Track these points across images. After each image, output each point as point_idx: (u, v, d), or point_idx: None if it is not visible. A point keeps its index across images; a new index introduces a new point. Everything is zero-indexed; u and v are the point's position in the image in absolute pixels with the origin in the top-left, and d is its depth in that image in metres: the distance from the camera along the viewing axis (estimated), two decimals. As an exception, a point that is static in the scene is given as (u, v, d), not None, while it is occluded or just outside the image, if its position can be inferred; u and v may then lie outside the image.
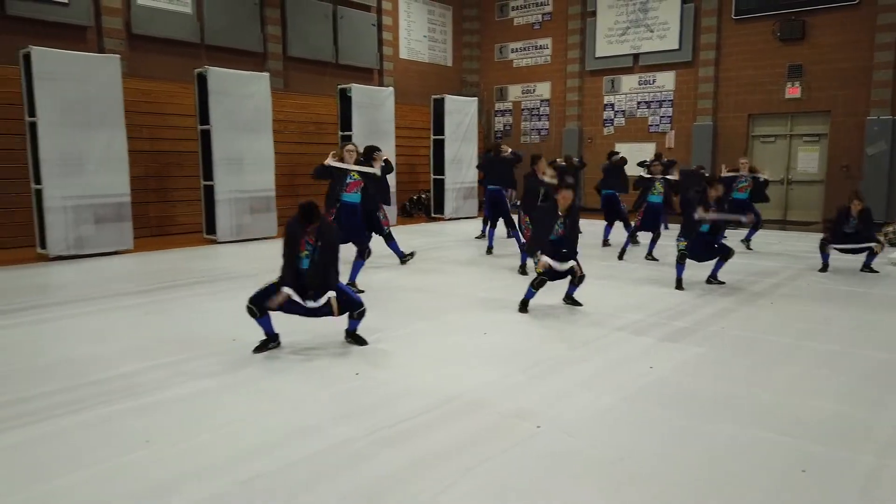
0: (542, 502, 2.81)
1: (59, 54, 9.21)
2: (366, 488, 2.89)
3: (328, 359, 4.77)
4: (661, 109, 16.34)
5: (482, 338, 5.38)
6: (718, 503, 2.81)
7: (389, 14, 16.66)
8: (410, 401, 3.94)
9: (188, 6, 12.53)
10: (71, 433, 3.50)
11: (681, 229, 7.41)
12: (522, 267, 8.22)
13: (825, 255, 8.42)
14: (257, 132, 11.53)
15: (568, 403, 3.94)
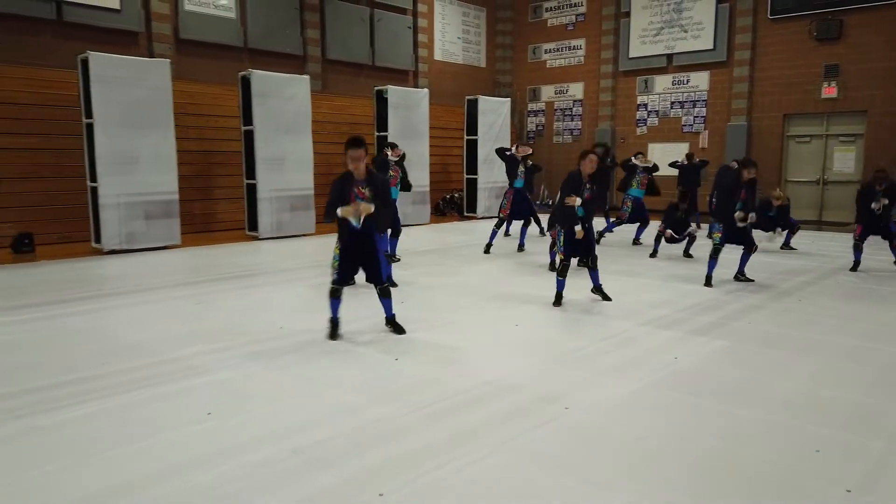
0: (568, 473, 3.06)
1: (114, 59, 9.74)
2: (406, 457, 3.19)
3: (369, 346, 5.09)
4: (695, 109, 16.34)
5: (514, 329, 5.64)
6: (732, 478, 3.03)
7: (425, 16, 16.98)
8: (446, 384, 4.22)
9: (232, 11, 13.03)
10: (146, 405, 3.88)
11: (715, 214, 7.73)
12: (553, 264, 8.44)
13: (857, 254, 8.49)
14: (297, 133, 11.96)
15: (594, 389, 4.19)
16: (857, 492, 2.90)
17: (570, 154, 18.44)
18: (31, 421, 3.61)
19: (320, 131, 13.22)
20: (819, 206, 14.57)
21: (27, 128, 10.20)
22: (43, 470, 3.06)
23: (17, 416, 3.68)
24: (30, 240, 9.77)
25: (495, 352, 4.98)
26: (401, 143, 13.96)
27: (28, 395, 4.00)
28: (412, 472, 3.04)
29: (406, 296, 6.92)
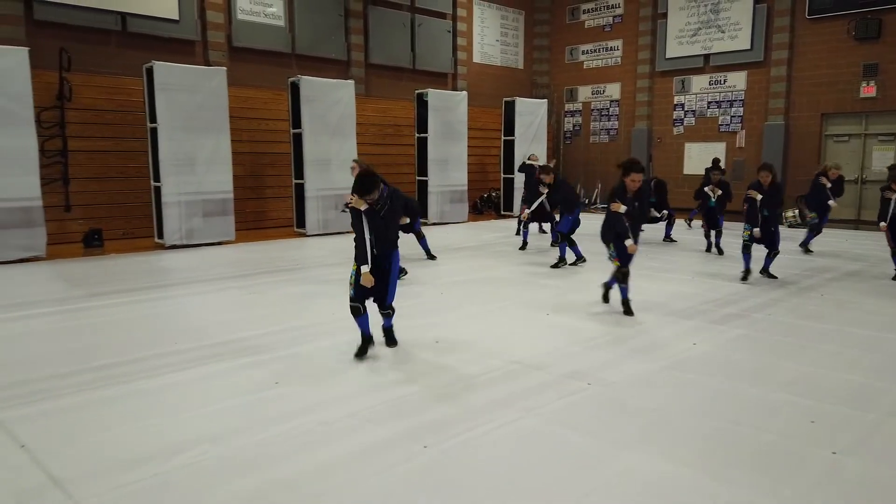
0: (588, 433, 3.51)
1: (176, 68, 10.50)
2: (447, 419, 3.68)
3: (412, 330, 5.59)
4: (732, 109, 16.44)
5: (544, 317, 6.10)
6: (733, 441, 3.43)
7: (464, 20, 17.47)
8: (479, 363, 4.71)
9: (281, 20, 13.73)
10: (217, 376, 4.47)
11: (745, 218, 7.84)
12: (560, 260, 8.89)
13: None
14: (343, 135, 12.58)
15: (615, 369, 4.62)
16: (842, 454, 3.28)
17: (606, 153, 18.74)
18: (132, 386, 4.25)
19: (364, 133, 13.83)
20: (857, 205, 14.56)
21: (98, 132, 11.05)
22: (146, 422, 3.66)
23: (119, 381, 4.31)
24: (99, 235, 10.60)
25: (525, 337, 5.44)
26: (440, 143, 14.58)
27: (123, 366, 4.63)
28: (453, 430, 3.54)
29: (445, 287, 7.43)
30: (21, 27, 10.64)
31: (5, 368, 4.54)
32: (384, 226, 4.67)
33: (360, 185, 4.58)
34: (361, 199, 4.60)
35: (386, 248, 4.76)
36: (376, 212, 4.64)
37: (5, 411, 3.78)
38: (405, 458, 3.23)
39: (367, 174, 4.64)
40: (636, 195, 5.90)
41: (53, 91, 10.57)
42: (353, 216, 4.71)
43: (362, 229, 4.63)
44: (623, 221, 5.87)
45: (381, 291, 4.84)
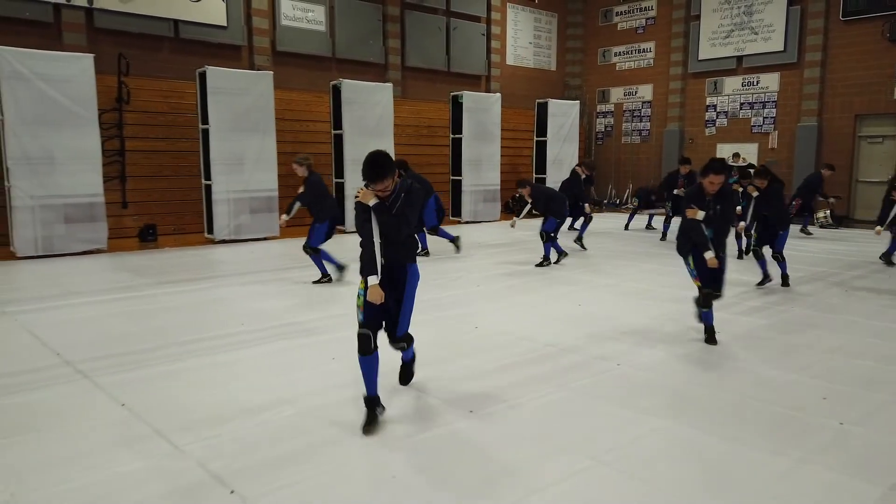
0: (618, 404, 3.90)
1: (227, 72, 11.11)
2: (490, 390, 4.11)
3: (452, 319, 6.02)
4: (765, 110, 16.54)
5: (577, 308, 6.48)
6: (752, 411, 3.78)
7: (498, 23, 17.86)
8: (516, 346, 5.13)
9: (322, 25, 14.29)
10: (283, 352, 4.97)
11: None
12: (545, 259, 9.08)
13: None
14: (381, 136, 13.08)
15: (643, 352, 4.99)
16: (849, 424, 3.62)
17: (637, 154, 18.96)
18: (210, 358, 4.82)
19: (400, 134, 14.31)
20: (891, 206, 14.56)
21: (153, 133, 11.72)
22: (229, 387, 4.20)
23: (199, 354, 4.88)
24: (153, 230, 11.27)
25: (558, 324, 5.83)
26: (473, 144, 15.01)
27: (200, 342, 5.18)
28: (495, 399, 3.96)
29: (481, 280, 7.85)
30: (83, 34, 11.35)
31: (98, 344, 5.10)
32: (396, 227, 3.60)
33: (370, 169, 3.53)
34: (370, 191, 3.60)
35: (398, 256, 3.71)
36: (387, 208, 3.61)
37: (104, 378, 4.32)
38: (453, 420, 3.67)
39: (379, 155, 3.57)
40: (717, 199, 5.08)
41: (112, 94, 11.25)
42: (357, 214, 3.67)
43: (370, 230, 3.61)
44: (701, 230, 5.06)
45: (393, 314, 3.76)
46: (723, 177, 5.03)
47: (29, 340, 5.19)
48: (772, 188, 7.52)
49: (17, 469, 3.08)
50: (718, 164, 5.09)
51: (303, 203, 7.65)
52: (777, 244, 7.50)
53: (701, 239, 5.07)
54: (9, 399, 3.97)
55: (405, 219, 3.63)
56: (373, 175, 3.52)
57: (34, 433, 3.50)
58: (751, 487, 2.95)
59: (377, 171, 3.51)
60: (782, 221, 7.50)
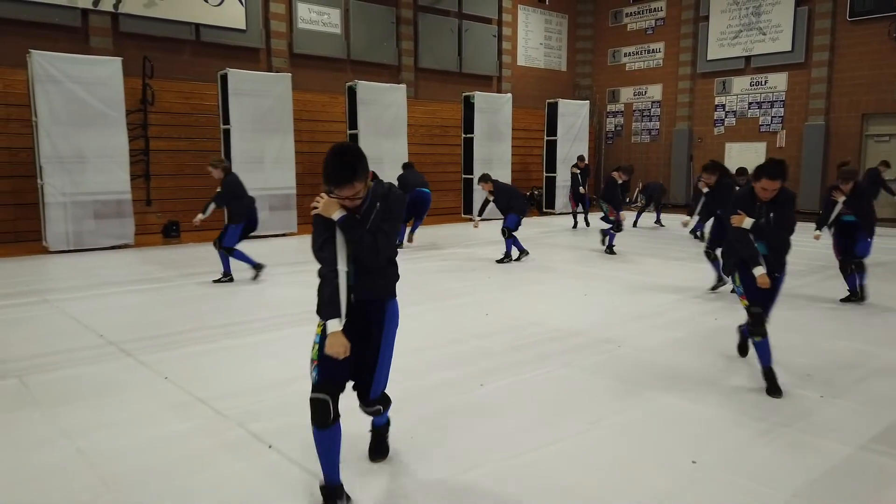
0: (621, 380, 4.24)
1: (248, 74, 11.54)
2: (499, 367, 4.46)
3: (465, 306, 6.38)
4: (773, 110, 16.76)
5: (582, 297, 6.82)
6: (743, 385, 4.11)
7: (509, 25, 18.20)
8: (525, 329, 5.48)
9: (338, 28, 14.70)
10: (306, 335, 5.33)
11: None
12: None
13: None
14: (394, 136, 13.47)
15: (644, 336, 5.32)
16: (829, 398, 3.94)
17: (647, 153, 19.22)
18: (242, 340, 5.23)
19: (413, 134, 14.69)
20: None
21: (176, 133, 12.17)
22: (261, 364, 4.60)
23: (231, 336, 5.30)
24: (177, 227, 11.72)
25: (565, 312, 6.18)
26: (485, 144, 15.36)
27: (231, 326, 5.58)
28: (503, 375, 4.32)
29: (491, 272, 8.20)
30: (109, 38, 11.82)
31: (137, 327, 5.52)
32: (371, 248, 2.65)
33: (335, 169, 2.54)
34: (333, 200, 2.64)
35: (373, 289, 2.79)
36: (358, 222, 2.67)
37: (145, 356, 4.72)
38: (466, 391, 4.04)
39: (347, 150, 2.59)
40: (771, 206, 4.17)
41: (137, 96, 11.70)
42: (315, 231, 2.72)
43: (332, 254, 2.66)
44: (749, 242, 4.18)
45: (362, 371, 2.83)
46: (778, 183, 4.07)
47: (73, 324, 5.61)
48: (723, 183, 6.88)
49: (80, 429, 3.48)
50: (775, 169, 4.07)
51: (218, 204, 7.75)
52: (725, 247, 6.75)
53: (749, 252, 4.18)
54: (63, 372, 4.39)
55: (384, 236, 2.66)
56: (339, 177, 2.52)
57: (91, 400, 3.90)
58: (730, 444, 3.28)
59: (345, 171, 2.52)
60: None
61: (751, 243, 4.21)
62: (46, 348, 4.91)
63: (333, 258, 2.66)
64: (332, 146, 2.60)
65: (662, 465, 3.09)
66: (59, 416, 3.67)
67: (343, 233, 2.66)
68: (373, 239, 2.65)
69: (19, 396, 3.97)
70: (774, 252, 4.23)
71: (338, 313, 2.62)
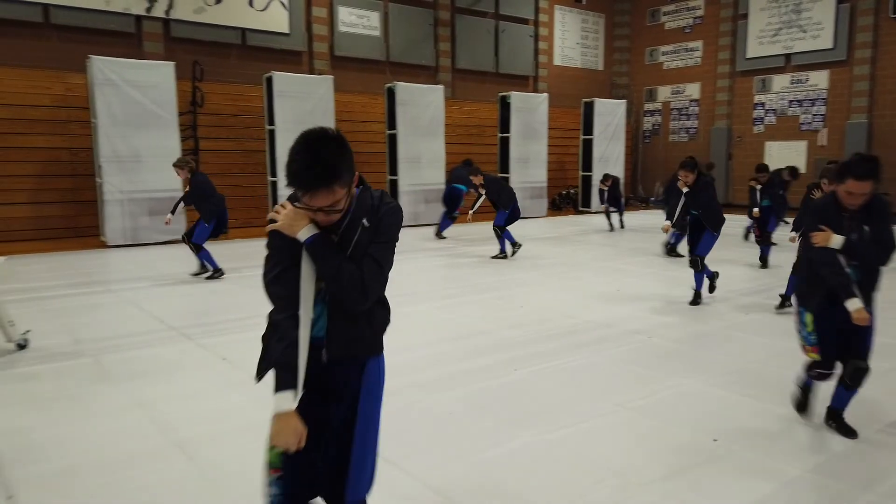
0: (647, 367, 4.45)
1: (293, 77, 12.00)
2: (532, 355, 4.71)
3: (501, 299, 6.63)
4: (814, 108, 16.58)
5: (615, 292, 7.01)
6: (765, 375, 4.28)
7: (545, 25, 18.36)
8: (559, 321, 5.71)
9: (377, 30, 15.09)
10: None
11: None
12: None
13: None
14: (432, 135, 13.79)
15: (673, 329, 5.51)
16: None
17: (685, 152, 19.07)
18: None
19: (451, 134, 14.98)
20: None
21: (223, 133, 12.70)
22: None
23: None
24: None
25: (597, 305, 6.38)
26: (521, 143, 15.56)
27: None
28: (535, 361, 4.57)
29: (529, 267, 8.44)
30: (161, 43, 12.41)
31: (195, 314, 5.97)
32: (354, 284, 1.86)
33: (304, 163, 1.76)
34: (301, 211, 1.86)
35: (351, 343, 1.98)
36: (333, 245, 1.88)
37: (204, 339, 5.11)
38: (501, 375, 4.30)
39: (323, 138, 1.80)
40: (863, 217, 3.24)
41: (188, 98, 12.24)
42: (270, 255, 1.95)
43: (293, 289, 1.88)
44: (839, 267, 3.20)
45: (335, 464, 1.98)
46: (869, 185, 3.14)
47: (136, 311, 6.05)
48: (701, 182, 6.34)
49: (152, 400, 3.86)
50: (864, 166, 3.15)
51: (186, 203, 7.90)
52: (700, 246, 6.33)
53: (840, 280, 3.18)
54: (132, 353, 4.80)
55: (372, 267, 1.88)
56: (310, 178, 1.75)
57: (159, 376, 4.29)
58: (752, 425, 3.48)
59: (320, 170, 1.74)
60: (714, 222, 6.30)
61: (842, 269, 3.19)
62: (115, 332, 5.35)
63: (293, 298, 1.84)
64: (302, 133, 1.79)
65: (685, 443, 3.30)
66: (131, 389, 4.05)
67: (312, 260, 1.85)
68: (357, 271, 1.84)
69: (95, 373, 4.38)
70: (867, 279, 3.25)
71: (292, 383, 1.80)
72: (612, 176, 13.11)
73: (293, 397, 1.81)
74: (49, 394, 4.01)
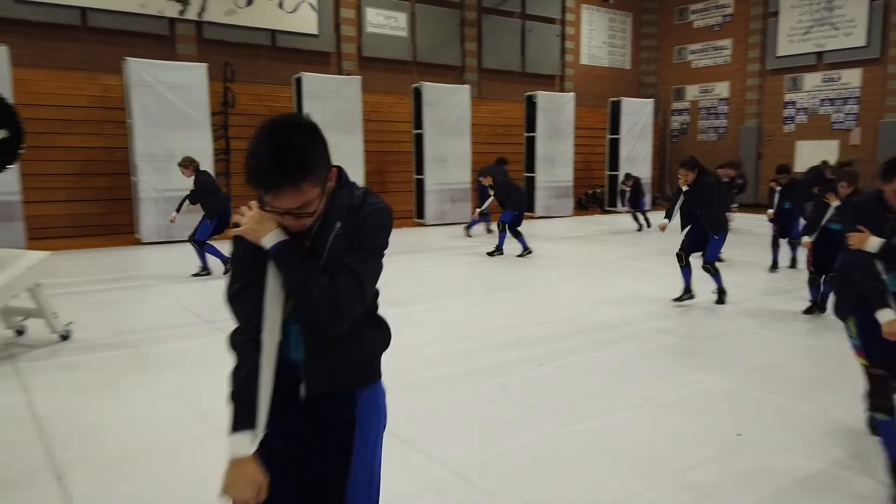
0: (667, 364, 4.49)
1: (321, 77, 12.20)
2: (560, 350, 4.79)
3: (525, 297, 6.70)
4: (846, 107, 16.31)
5: (641, 290, 7.04)
6: (784, 371, 4.29)
7: (572, 24, 18.34)
8: (584, 318, 5.77)
9: (404, 31, 15.22)
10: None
11: None
12: None
13: None
14: (458, 135, 13.89)
15: (697, 327, 5.55)
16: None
17: (714, 152, 18.95)
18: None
19: (477, 133, 15.06)
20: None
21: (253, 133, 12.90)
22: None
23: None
24: (253, 221, 12.45)
25: (622, 303, 6.42)
26: (547, 142, 15.58)
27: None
28: (561, 356, 4.65)
29: (555, 265, 8.50)
30: (194, 45, 12.69)
31: (224, 308, 6.09)
32: (327, 300, 1.54)
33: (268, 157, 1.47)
34: (267, 214, 1.56)
35: (334, 371, 1.66)
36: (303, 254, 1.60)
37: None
38: (528, 369, 4.39)
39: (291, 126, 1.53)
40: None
41: (219, 99, 12.50)
42: (233, 266, 1.70)
43: (257, 304, 1.60)
44: (874, 272, 3.00)
45: None
46: None
47: (172, 305, 6.26)
48: (701, 181, 6.14)
49: (190, 388, 4.04)
50: None
51: (192, 201, 8.10)
52: (708, 252, 6.23)
53: (871, 286, 2.96)
54: (170, 345, 4.99)
55: (349, 279, 1.58)
56: (274, 174, 1.48)
57: (196, 367, 4.46)
58: (775, 421, 3.51)
59: (287, 164, 1.47)
60: (713, 223, 6.17)
61: (876, 274, 2.96)
62: (153, 324, 5.55)
63: (257, 316, 1.58)
64: (266, 120, 1.54)
65: (708, 436, 3.35)
66: (171, 378, 4.23)
67: (279, 271, 1.57)
68: (329, 285, 1.54)
69: (135, 362, 4.56)
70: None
71: (250, 422, 1.54)
72: (633, 176, 13.16)
73: (251, 440, 1.53)
74: (92, 382, 4.19)
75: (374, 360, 1.76)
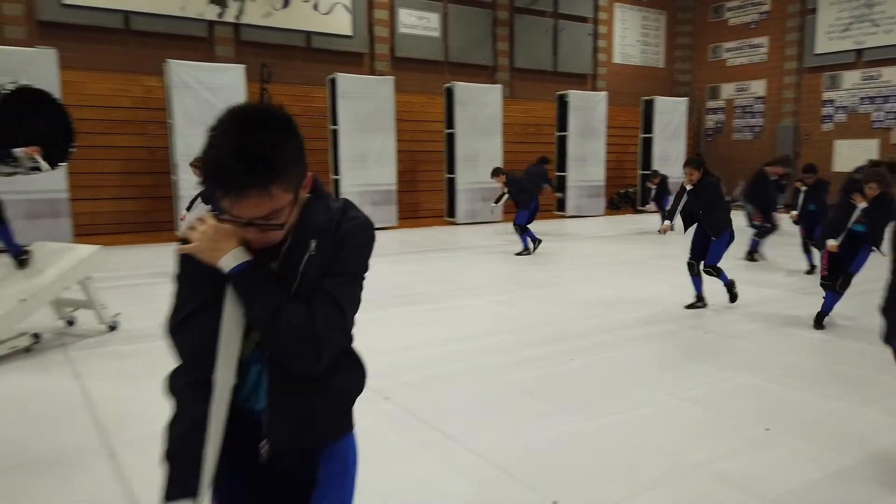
0: (699, 360, 4.53)
1: (355, 78, 12.40)
2: (587, 346, 4.86)
3: (557, 294, 6.77)
4: (887, 105, 15.96)
5: (671, 289, 7.03)
6: (812, 367, 4.30)
7: (605, 23, 18.26)
8: (616, 314, 5.83)
9: (436, 31, 15.35)
10: (405, 315, 5.91)
11: None
12: None
13: None
14: (490, 134, 13.98)
15: (730, 325, 5.56)
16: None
17: (749, 151, 18.73)
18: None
19: (508, 132, 15.12)
20: None
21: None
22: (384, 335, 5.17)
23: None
24: (288, 219, 12.73)
25: (655, 300, 6.45)
26: (579, 141, 15.57)
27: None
28: (590, 352, 4.73)
29: (585, 264, 8.53)
30: (231, 47, 13.00)
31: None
32: (303, 335, 1.29)
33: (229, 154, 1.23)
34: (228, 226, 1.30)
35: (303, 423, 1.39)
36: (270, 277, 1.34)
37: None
38: (557, 364, 4.47)
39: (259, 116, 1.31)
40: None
41: (256, 99, 12.77)
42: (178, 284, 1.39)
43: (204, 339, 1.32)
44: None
45: None
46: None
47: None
48: (705, 181, 6.02)
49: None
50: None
51: (204, 201, 8.19)
52: (710, 255, 6.08)
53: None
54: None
55: (332, 309, 1.34)
56: (235, 172, 1.23)
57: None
58: (804, 417, 3.53)
59: (252, 160, 1.23)
60: (715, 226, 6.00)
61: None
62: (194, 317, 5.74)
63: (206, 354, 1.32)
64: (230, 109, 1.34)
65: (736, 430, 3.40)
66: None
67: (240, 299, 1.32)
68: (305, 315, 1.30)
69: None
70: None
71: (190, 488, 1.33)
72: (660, 174, 13.08)
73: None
74: (140, 370, 4.40)
75: (348, 407, 1.46)
